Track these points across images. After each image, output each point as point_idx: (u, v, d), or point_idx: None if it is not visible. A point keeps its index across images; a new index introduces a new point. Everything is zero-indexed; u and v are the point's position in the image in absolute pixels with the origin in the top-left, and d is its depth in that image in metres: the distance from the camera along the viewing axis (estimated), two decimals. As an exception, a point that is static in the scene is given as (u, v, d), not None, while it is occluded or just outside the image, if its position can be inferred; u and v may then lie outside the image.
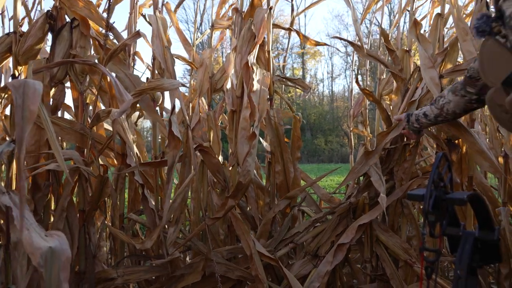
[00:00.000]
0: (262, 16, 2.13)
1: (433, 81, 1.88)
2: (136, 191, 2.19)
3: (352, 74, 3.91)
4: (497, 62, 1.15)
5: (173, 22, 2.59)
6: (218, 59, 7.54)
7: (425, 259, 0.90)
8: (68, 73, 1.94)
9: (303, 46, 22.28)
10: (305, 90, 2.49)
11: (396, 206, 2.09)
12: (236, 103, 2.15)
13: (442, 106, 1.53)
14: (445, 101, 1.53)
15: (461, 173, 2.03)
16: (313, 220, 2.10)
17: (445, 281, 1.82)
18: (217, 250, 1.99)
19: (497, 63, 1.15)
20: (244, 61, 2.07)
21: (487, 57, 1.19)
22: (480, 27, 1.21)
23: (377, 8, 3.16)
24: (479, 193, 1.59)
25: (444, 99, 1.53)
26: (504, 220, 2.02)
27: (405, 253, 1.95)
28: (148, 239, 1.84)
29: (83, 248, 1.87)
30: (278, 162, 2.21)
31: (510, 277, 2.01)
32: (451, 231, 0.99)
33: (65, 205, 1.79)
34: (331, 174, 9.96)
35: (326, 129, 22.26)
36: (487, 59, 1.20)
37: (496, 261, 1.00)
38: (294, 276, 1.91)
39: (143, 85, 1.89)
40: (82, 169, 1.82)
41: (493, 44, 1.17)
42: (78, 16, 1.92)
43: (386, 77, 2.88)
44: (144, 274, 1.85)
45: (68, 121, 1.91)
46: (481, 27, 1.21)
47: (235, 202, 1.88)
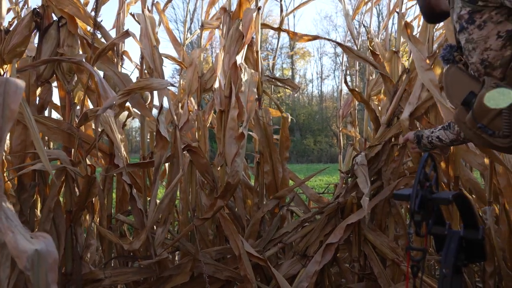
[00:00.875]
0: (250, 16, 2.14)
1: (432, 83, 1.89)
2: (124, 191, 2.17)
3: (341, 75, 3.93)
4: (458, 86, 1.30)
5: (163, 22, 2.58)
6: (208, 58, 7.52)
7: (411, 258, 0.91)
8: (55, 72, 1.91)
9: (293, 47, 22.33)
10: (294, 90, 2.50)
11: (384, 206, 2.11)
12: (224, 103, 2.14)
13: (458, 132, 1.55)
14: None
15: (448, 173, 2.06)
16: (302, 220, 2.10)
17: (431, 280, 1.84)
18: (205, 250, 1.99)
19: (458, 87, 1.30)
20: (232, 61, 2.07)
21: (450, 82, 1.34)
22: (445, 56, 1.36)
23: (366, 10, 3.19)
24: (464, 193, 1.62)
25: None
26: (489, 219, 2.05)
27: (393, 252, 1.96)
28: (136, 239, 1.83)
29: (70, 249, 1.85)
30: (267, 162, 2.21)
31: (495, 275, 2.04)
32: (437, 230, 1.00)
33: (52, 205, 1.76)
34: (320, 174, 10.02)
35: (315, 129, 22.34)
36: (450, 84, 1.34)
37: (481, 259, 1.01)
38: (283, 276, 1.92)
39: (131, 85, 1.88)
40: (69, 169, 1.80)
41: (455, 71, 1.32)
42: (65, 15, 1.90)
43: (374, 78, 2.91)
44: (132, 276, 1.84)
45: (55, 120, 1.88)
46: (445, 56, 1.36)
47: (224, 202, 1.88)
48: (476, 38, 1.19)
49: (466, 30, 1.21)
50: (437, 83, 1.90)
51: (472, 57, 1.24)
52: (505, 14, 1.13)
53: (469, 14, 1.19)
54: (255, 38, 2.27)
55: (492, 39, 1.17)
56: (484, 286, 2.06)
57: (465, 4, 1.19)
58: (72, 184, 1.88)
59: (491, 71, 1.21)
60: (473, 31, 1.19)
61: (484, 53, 1.20)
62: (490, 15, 1.15)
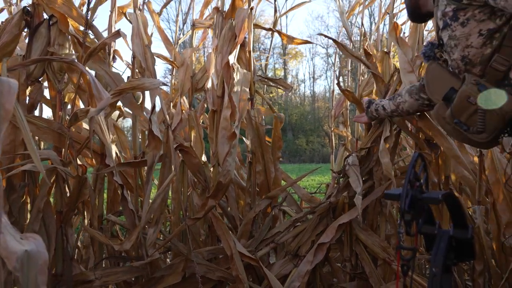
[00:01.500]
0: (243, 16, 2.14)
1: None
2: (115, 192, 2.15)
3: (333, 75, 3.95)
4: (439, 82, 1.35)
5: (154, 21, 2.57)
6: (200, 58, 7.50)
7: (402, 257, 0.92)
8: (45, 71, 1.89)
9: (285, 47, 22.38)
10: (286, 90, 2.50)
11: (375, 206, 2.12)
12: (217, 102, 2.14)
13: (398, 104, 1.71)
14: (401, 100, 1.70)
15: (439, 172, 2.08)
16: (294, 220, 2.11)
17: (422, 278, 1.86)
18: (197, 250, 1.98)
19: (439, 83, 1.35)
20: (224, 61, 2.06)
21: (431, 78, 1.39)
22: (426, 53, 1.42)
23: (359, 11, 3.21)
24: (453, 193, 1.64)
25: (401, 98, 1.70)
26: (479, 218, 2.08)
27: (384, 251, 1.98)
28: (127, 240, 1.82)
29: (60, 250, 1.83)
30: (259, 162, 2.21)
31: (484, 274, 2.06)
32: (427, 230, 1.01)
33: (42, 206, 1.75)
34: (312, 174, 10.05)
35: (308, 130, 22.40)
36: (431, 80, 1.39)
37: (470, 258, 1.03)
38: (275, 276, 1.92)
39: (123, 84, 1.86)
40: (59, 169, 1.78)
41: (436, 67, 1.37)
42: (56, 13, 1.88)
43: (366, 78, 2.93)
44: (122, 275, 1.82)
45: (45, 120, 1.86)
46: (426, 53, 1.42)
47: (216, 202, 1.87)
48: (458, 35, 1.23)
49: (450, 27, 1.24)
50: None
51: (453, 54, 1.27)
52: (487, 13, 1.17)
53: (453, 11, 1.22)
54: (247, 38, 2.27)
55: (473, 37, 1.20)
56: (474, 284, 2.09)
57: (450, 2, 1.23)
58: (63, 184, 1.86)
59: (471, 68, 1.25)
60: (456, 28, 1.23)
61: (465, 50, 1.23)
62: (473, 13, 1.18)
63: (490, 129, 1.19)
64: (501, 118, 1.17)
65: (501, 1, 1.10)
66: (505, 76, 1.19)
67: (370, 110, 1.88)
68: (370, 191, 2.11)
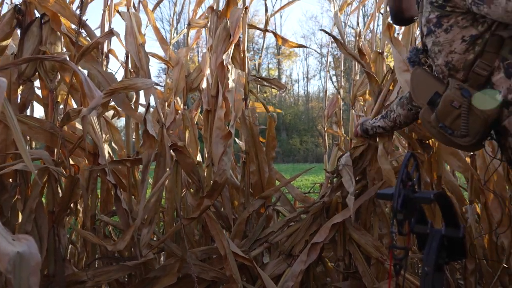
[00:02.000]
0: (238, 16, 2.14)
1: (408, 84, 1.93)
2: (108, 192, 2.14)
3: (326, 75, 3.96)
4: (424, 87, 1.37)
5: (150, 20, 2.56)
6: (194, 58, 7.49)
7: (394, 257, 0.92)
8: (37, 70, 1.88)
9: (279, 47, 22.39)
10: (280, 89, 2.51)
11: (369, 205, 2.13)
12: (211, 102, 2.14)
13: (394, 119, 1.73)
14: (395, 115, 1.73)
15: (431, 172, 2.09)
16: (288, 220, 2.11)
17: (414, 277, 1.87)
18: (191, 250, 1.98)
19: (424, 88, 1.37)
20: (219, 61, 2.06)
21: (416, 83, 1.41)
22: (411, 58, 1.44)
23: (352, 10, 3.22)
24: (445, 192, 1.65)
25: (395, 113, 1.73)
26: (470, 217, 2.09)
27: (377, 251, 1.99)
28: (121, 240, 1.81)
29: (53, 251, 1.82)
30: (252, 162, 2.21)
31: (476, 273, 2.08)
32: (419, 229, 1.02)
33: (34, 206, 1.73)
34: (306, 174, 10.06)
35: (301, 129, 22.44)
36: (416, 85, 1.41)
37: (461, 257, 1.04)
38: (269, 275, 1.92)
39: (115, 84, 1.85)
40: (51, 169, 1.77)
41: (421, 72, 1.40)
42: (48, 12, 1.87)
43: (360, 78, 2.94)
44: (114, 274, 1.81)
45: (37, 119, 1.85)
46: (412, 58, 1.44)
47: (211, 202, 1.87)
48: (442, 41, 1.26)
49: (434, 33, 1.27)
50: None
51: (437, 59, 1.31)
52: (470, 19, 1.20)
53: (437, 18, 1.25)
54: (242, 37, 2.27)
55: (457, 43, 1.23)
56: (466, 283, 2.10)
57: (434, 9, 1.25)
58: (55, 184, 1.85)
59: (455, 73, 1.28)
60: (440, 34, 1.26)
61: (449, 56, 1.26)
62: (456, 20, 1.22)
63: (473, 133, 1.22)
64: (483, 122, 1.20)
65: (484, 8, 1.12)
66: (487, 80, 1.22)
67: (371, 135, 1.94)
68: (364, 190, 2.11)
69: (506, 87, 1.17)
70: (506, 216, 1.99)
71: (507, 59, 1.17)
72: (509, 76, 1.17)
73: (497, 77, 1.20)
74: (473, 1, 1.15)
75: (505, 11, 1.08)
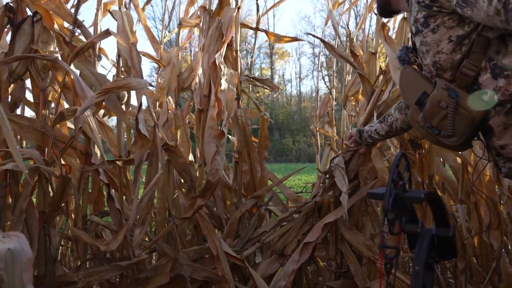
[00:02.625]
0: (230, 15, 2.14)
1: None
2: (100, 191, 2.13)
3: (319, 75, 3.98)
4: (413, 86, 1.36)
5: (140, 19, 2.54)
6: (187, 57, 7.46)
7: (385, 256, 0.93)
8: (28, 69, 1.86)
9: (272, 47, 22.39)
10: (273, 90, 2.51)
11: (361, 205, 2.14)
12: (203, 102, 2.14)
13: (391, 124, 1.69)
14: (393, 119, 1.69)
15: (422, 172, 2.11)
16: (280, 220, 2.12)
17: (405, 276, 1.89)
18: (183, 250, 1.97)
19: (413, 87, 1.36)
20: (211, 60, 2.06)
21: (405, 82, 1.40)
22: (401, 57, 1.43)
23: (344, 11, 3.23)
24: (436, 192, 1.66)
25: (392, 117, 1.69)
26: (461, 217, 2.12)
27: (369, 250, 2.00)
28: (113, 240, 1.80)
29: (43, 251, 1.80)
30: (245, 161, 2.21)
31: (466, 272, 2.11)
32: (410, 228, 1.03)
33: (24, 206, 1.72)
34: (298, 174, 10.09)
35: (294, 129, 22.49)
36: (405, 84, 1.41)
37: (451, 256, 1.05)
38: (261, 275, 1.92)
39: (109, 84, 1.84)
40: (42, 169, 1.75)
41: (410, 71, 1.39)
42: (41, 10, 1.85)
43: (352, 79, 2.96)
44: (106, 274, 1.79)
45: (27, 118, 1.83)
46: (402, 57, 1.43)
47: (204, 201, 1.87)
48: (429, 41, 1.26)
49: (421, 33, 1.28)
50: None
51: (425, 59, 1.31)
52: (456, 19, 1.20)
53: (424, 18, 1.26)
54: (234, 37, 2.27)
55: (444, 43, 1.23)
56: (456, 282, 2.13)
57: (421, 9, 1.26)
58: (46, 184, 1.83)
59: (442, 73, 1.27)
60: (427, 34, 1.26)
61: (436, 56, 1.26)
62: (443, 20, 1.22)
63: (460, 133, 1.23)
64: (470, 122, 1.21)
65: (467, 11, 1.14)
66: (474, 81, 1.22)
67: (364, 137, 1.87)
68: (356, 190, 2.13)
69: (493, 88, 1.18)
70: (495, 218, 2.02)
71: (494, 59, 1.18)
72: (495, 77, 1.18)
73: (484, 77, 1.21)
74: (457, 3, 1.16)
75: (486, 15, 1.09)
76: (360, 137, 1.88)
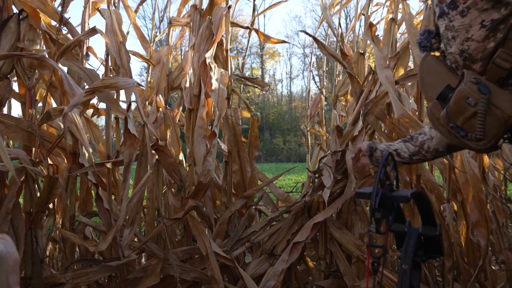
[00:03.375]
0: (221, 15, 2.13)
1: (388, 80, 1.96)
2: (88, 192, 2.11)
3: (309, 75, 3.99)
4: (434, 78, 1.18)
5: (130, 18, 2.52)
6: (177, 57, 7.42)
7: (372, 255, 0.94)
8: (14, 68, 1.83)
9: (263, 46, 22.40)
10: (263, 89, 2.51)
11: (350, 204, 2.16)
12: (193, 101, 2.13)
13: (422, 144, 1.35)
14: (426, 138, 1.35)
15: (410, 172, 2.13)
16: (270, 219, 2.12)
17: (394, 275, 1.91)
18: (173, 251, 1.97)
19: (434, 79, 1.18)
20: (201, 59, 2.05)
21: (426, 72, 1.22)
22: (421, 43, 1.24)
23: (334, 12, 3.25)
24: (422, 191, 1.66)
25: (425, 136, 1.35)
26: (448, 216, 2.14)
27: (358, 249, 2.01)
28: (102, 240, 1.78)
29: (30, 252, 1.78)
30: (235, 161, 2.21)
31: (453, 270, 2.13)
32: (397, 228, 1.03)
33: (10, 207, 1.69)
34: (289, 173, 10.11)
35: (285, 129, 22.54)
36: (426, 74, 1.22)
37: (438, 255, 1.06)
38: (251, 275, 1.92)
39: (96, 83, 1.82)
40: (29, 169, 1.73)
41: (432, 60, 1.20)
42: (27, 8, 1.82)
43: (342, 79, 2.97)
44: (94, 275, 1.78)
45: (14, 118, 1.80)
46: (422, 42, 1.24)
47: (195, 202, 1.86)
48: (457, 26, 1.06)
49: (447, 15, 1.08)
50: (392, 80, 1.96)
51: (450, 47, 1.11)
52: (491, 1, 1.01)
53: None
54: (225, 37, 2.26)
55: (474, 28, 1.03)
56: (444, 280, 2.15)
57: None
58: (33, 184, 1.81)
59: (471, 63, 1.09)
60: (455, 17, 1.06)
61: (464, 44, 1.07)
62: (475, 1, 1.02)
63: (490, 135, 1.06)
64: (503, 123, 1.03)
65: None
66: (509, 74, 1.04)
67: (375, 157, 1.45)
68: (345, 190, 2.14)
69: None
70: (482, 217, 2.04)
71: None
72: None
73: None
74: None
75: None
76: (371, 156, 1.45)
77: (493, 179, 2.45)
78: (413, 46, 2.07)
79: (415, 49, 2.07)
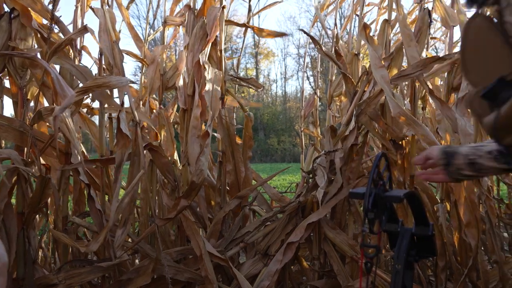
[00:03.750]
0: (215, 14, 2.13)
1: (384, 79, 1.96)
2: (81, 192, 2.09)
3: (304, 76, 4.00)
4: (483, 53, 0.79)
5: (124, 17, 2.51)
6: (172, 56, 7.40)
7: (366, 255, 0.94)
8: (6, 67, 1.81)
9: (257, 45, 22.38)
10: (257, 89, 2.51)
11: (344, 204, 2.16)
12: (187, 101, 2.12)
13: None
14: None
15: (404, 172, 2.14)
16: (264, 219, 2.12)
17: (387, 275, 1.91)
18: (166, 251, 1.96)
19: (483, 54, 0.79)
20: (195, 59, 2.05)
21: (472, 42, 0.82)
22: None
23: (328, 12, 3.26)
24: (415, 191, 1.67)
25: None
26: (441, 216, 2.15)
27: (351, 249, 2.02)
28: (94, 241, 1.77)
29: (22, 253, 1.76)
30: (229, 161, 2.21)
31: (446, 270, 2.14)
32: (390, 228, 1.04)
33: (2, 207, 1.67)
34: (283, 173, 10.12)
35: (279, 129, 22.56)
36: (471, 46, 0.82)
37: (431, 255, 1.06)
38: (245, 275, 1.92)
39: (88, 82, 1.81)
40: (21, 169, 1.71)
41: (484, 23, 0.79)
42: (18, 6, 1.81)
43: (336, 79, 2.98)
44: (86, 276, 1.76)
45: (5, 118, 1.78)
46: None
47: (188, 202, 1.85)
48: None
49: None
50: (388, 79, 1.97)
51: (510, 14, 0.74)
52: None
53: None
54: (219, 36, 2.26)
55: None
56: (437, 279, 2.16)
57: None
58: (25, 185, 1.79)
59: None
60: None
61: None
62: None
63: None
64: None
65: None
66: None
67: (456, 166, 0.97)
68: (339, 190, 2.14)
69: None
70: (473, 218, 2.05)
71: None
72: None
73: None
74: None
75: None
76: (448, 165, 0.99)
77: (486, 179, 2.47)
78: (406, 46, 2.08)
79: (409, 50, 2.07)
